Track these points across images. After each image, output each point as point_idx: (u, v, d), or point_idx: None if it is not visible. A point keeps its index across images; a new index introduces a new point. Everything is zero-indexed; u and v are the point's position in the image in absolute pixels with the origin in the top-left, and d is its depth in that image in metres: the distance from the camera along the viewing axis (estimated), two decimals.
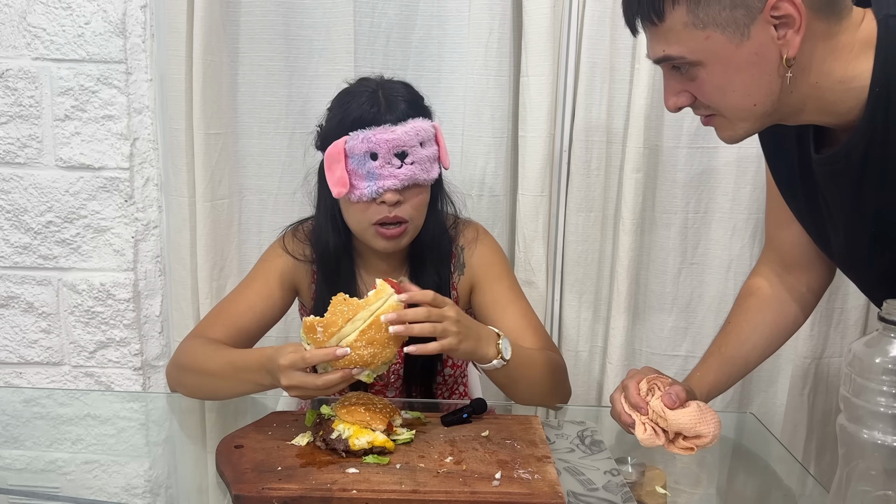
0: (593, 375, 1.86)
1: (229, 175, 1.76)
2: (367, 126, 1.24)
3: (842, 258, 1.13)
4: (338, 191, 1.26)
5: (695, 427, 1.06)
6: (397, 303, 1.10)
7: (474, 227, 1.46)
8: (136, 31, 1.72)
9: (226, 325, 1.36)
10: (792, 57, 0.91)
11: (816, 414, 1.85)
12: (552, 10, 1.65)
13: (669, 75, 1.01)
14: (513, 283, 1.43)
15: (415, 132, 1.25)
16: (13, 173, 1.76)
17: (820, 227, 1.12)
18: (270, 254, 1.44)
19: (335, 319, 1.07)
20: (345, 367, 1.08)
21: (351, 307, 1.08)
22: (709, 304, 1.82)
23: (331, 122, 1.31)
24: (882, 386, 0.82)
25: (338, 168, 1.26)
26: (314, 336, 1.08)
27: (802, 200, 1.13)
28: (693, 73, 0.96)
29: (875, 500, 0.86)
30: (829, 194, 1.05)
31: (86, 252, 1.80)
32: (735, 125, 1.00)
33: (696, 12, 0.92)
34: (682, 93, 1.00)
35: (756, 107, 0.96)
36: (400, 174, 1.25)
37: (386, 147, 1.24)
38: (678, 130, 1.75)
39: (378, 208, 1.27)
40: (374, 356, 1.08)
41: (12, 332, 1.83)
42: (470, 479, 1.02)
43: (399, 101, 1.28)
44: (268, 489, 0.99)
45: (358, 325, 1.08)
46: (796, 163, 1.09)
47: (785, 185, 1.16)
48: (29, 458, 1.17)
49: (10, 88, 1.72)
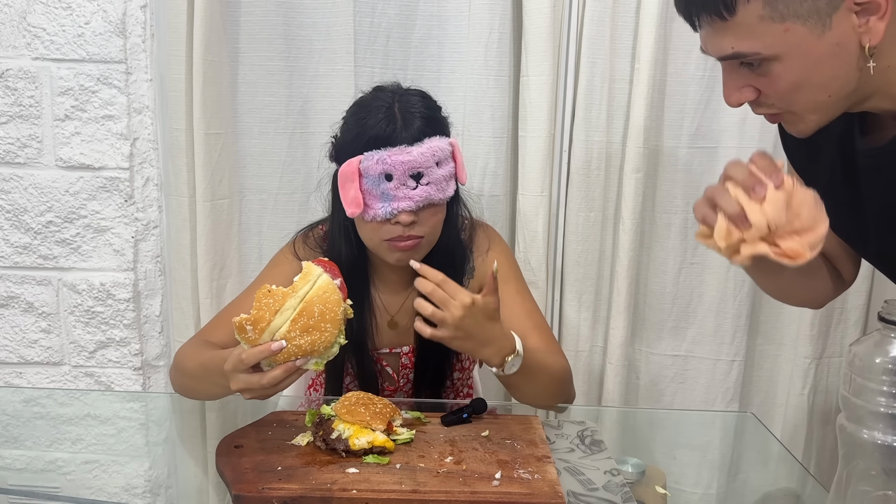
0: (593, 375, 1.86)
1: (229, 175, 1.76)
2: (382, 146, 1.22)
3: (882, 257, 1.09)
4: (352, 210, 1.25)
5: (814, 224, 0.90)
6: (329, 283, 1.06)
7: (486, 234, 1.44)
8: (136, 31, 1.72)
9: (229, 329, 1.35)
10: (875, 45, 0.87)
11: (816, 414, 1.85)
12: (552, 10, 1.65)
13: (733, 70, 0.95)
14: (520, 285, 1.42)
15: (431, 153, 1.23)
16: (13, 173, 1.76)
17: (860, 227, 1.07)
18: (280, 259, 1.42)
19: (262, 314, 1.04)
20: (286, 360, 1.05)
21: (276, 298, 1.04)
22: (709, 304, 1.82)
23: (346, 135, 1.30)
24: (882, 386, 0.82)
25: (352, 188, 1.24)
26: (246, 336, 1.05)
27: (841, 200, 1.07)
28: (766, 69, 0.91)
29: (875, 500, 0.86)
30: (873, 189, 1.00)
31: (86, 252, 1.80)
32: (806, 119, 0.95)
33: (775, 4, 0.86)
34: (746, 88, 0.94)
35: (830, 98, 0.92)
36: (415, 195, 1.23)
37: (402, 169, 1.22)
38: (678, 130, 1.75)
39: (392, 227, 1.26)
40: (313, 343, 1.04)
41: (12, 332, 1.83)
42: (470, 479, 1.02)
43: (415, 118, 1.26)
44: (268, 489, 0.99)
45: (288, 315, 1.04)
46: (837, 159, 1.05)
47: (821, 186, 1.09)
48: (29, 458, 1.17)
49: (10, 88, 1.72)
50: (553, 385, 1.30)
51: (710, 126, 1.75)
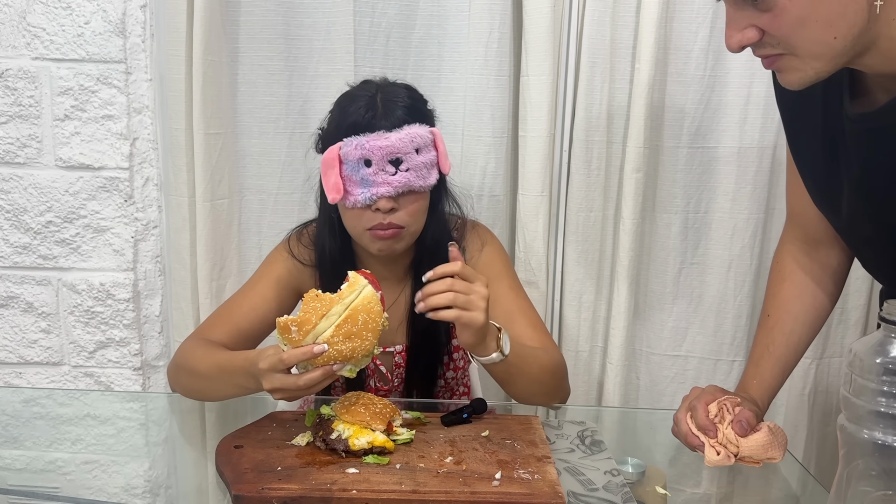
0: (593, 375, 1.86)
1: (229, 175, 1.76)
2: (361, 132, 1.24)
3: (853, 230, 1.09)
4: (332, 196, 1.26)
5: (766, 452, 1.09)
6: (373, 293, 1.09)
7: (479, 232, 1.45)
8: (136, 30, 1.72)
9: (227, 327, 1.36)
10: None
11: (816, 414, 1.85)
12: (552, 10, 1.65)
13: (737, 8, 0.91)
14: (514, 281, 1.43)
15: (409, 139, 1.24)
16: (13, 173, 1.76)
17: (835, 196, 1.06)
18: (275, 256, 1.43)
19: (309, 317, 1.05)
20: (324, 363, 1.06)
21: (324, 303, 1.06)
22: (709, 304, 1.82)
23: (330, 125, 1.32)
24: (882, 386, 0.82)
25: (332, 174, 1.25)
26: (289, 336, 1.06)
27: (820, 165, 1.06)
28: (770, 3, 0.87)
29: (875, 500, 0.86)
30: (856, 155, 0.99)
31: (85, 252, 1.80)
32: (807, 64, 0.91)
33: None
34: (749, 28, 0.90)
35: (836, 41, 0.88)
36: (394, 181, 1.24)
37: (379, 154, 1.23)
38: (678, 130, 1.75)
39: (372, 215, 1.27)
40: (353, 350, 1.06)
41: (12, 332, 1.83)
42: (470, 480, 1.02)
43: (397, 106, 1.27)
44: (268, 489, 0.99)
45: (333, 321, 1.05)
46: (819, 120, 1.04)
47: (803, 145, 1.10)
48: (29, 458, 1.17)
49: (10, 88, 1.72)
50: (545, 376, 1.30)
51: (710, 126, 1.75)
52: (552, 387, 1.33)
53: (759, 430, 1.10)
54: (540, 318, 1.41)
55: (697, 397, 1.14)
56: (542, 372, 1.29)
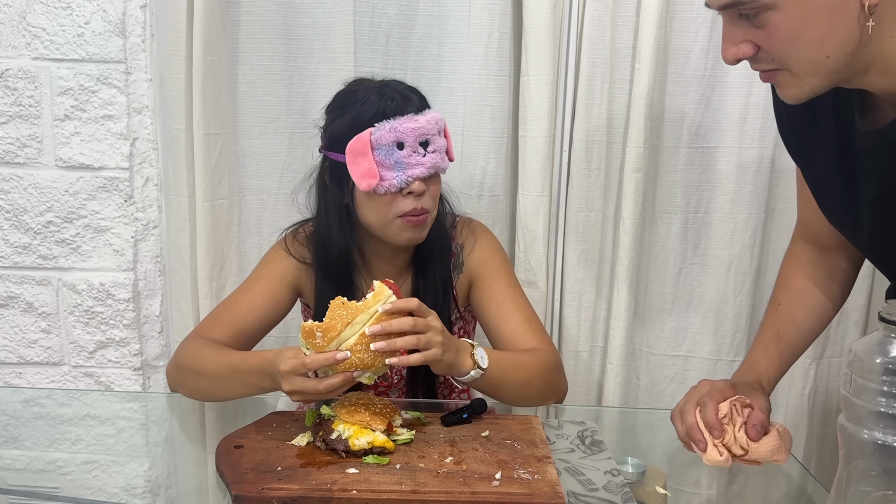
0: (593, 375, 1.86)
1: (229, 175, 1.76)
2: (391, 116, 1.25)
3: (873, 245, 1.09)
4: (367, 183, 1.26)
5: (773, 455, 1.08)
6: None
7: (472, 226, 1.46)
8: (136, 30, 1.72)
9: (227, 326, 1.36)
10: (874, 3, 0.86)
11: (816, 414, 1.85)
12: (552, 10, 1.65)
13: (732, 23, 0.93)
14: (510, 279, 1.43)
15: (434, 121, 1.28)
16: (13, 173, 1.76)
17: (855, 213, 1.06)
18: (273, 255, 1.44)
19: (334, 324, 1.07)
20: (346, 370, 1.08)
21: (349, 311, 1.08)
22: (709, 304, 1.82)
23: (340, 122, 1.30)
24: (882, 386, 0.82)
25: (364, 161, 1.25)
26: (313, 341, 1.08)
27: (837, 185, 1.06)
28: (763, 20, 0.89)
29: (875, 500, 0.86)
30: (871, 172, 0.99)
31: (85, 252, 1.80)
32: (802, 81, 0.92)
33: None
34: (744, 43, 0.92)
35: (829, 59, 0.89)
36: (426, 162, 1.27)
37: (413, 136, 1.25)
38: (678, 130, 1.75)
39: (405, 200, 1.28)
40: (374, 358, 1.08)
41: (12, 332, 1.83)
42: (470, 480, 1.02)
43: (410, 93, 1.31)
44: (268, 489, 0.99)
45: (357, 329, 1.07)
46: (834, 142, 1.04)
47: (818, 169, 1.10)
48: (29, 458, 1.17)
49: (10, 88, 1.72)
50: (533, 379, 1.29)
51: (710, 126, 1.75)
52: (542, 388, 1.32)
53: (769, 434, 1.10)
54: (535, 315, 1.41)
55: (708, 394, 1.13)
56: (529, 375, 1.29)
